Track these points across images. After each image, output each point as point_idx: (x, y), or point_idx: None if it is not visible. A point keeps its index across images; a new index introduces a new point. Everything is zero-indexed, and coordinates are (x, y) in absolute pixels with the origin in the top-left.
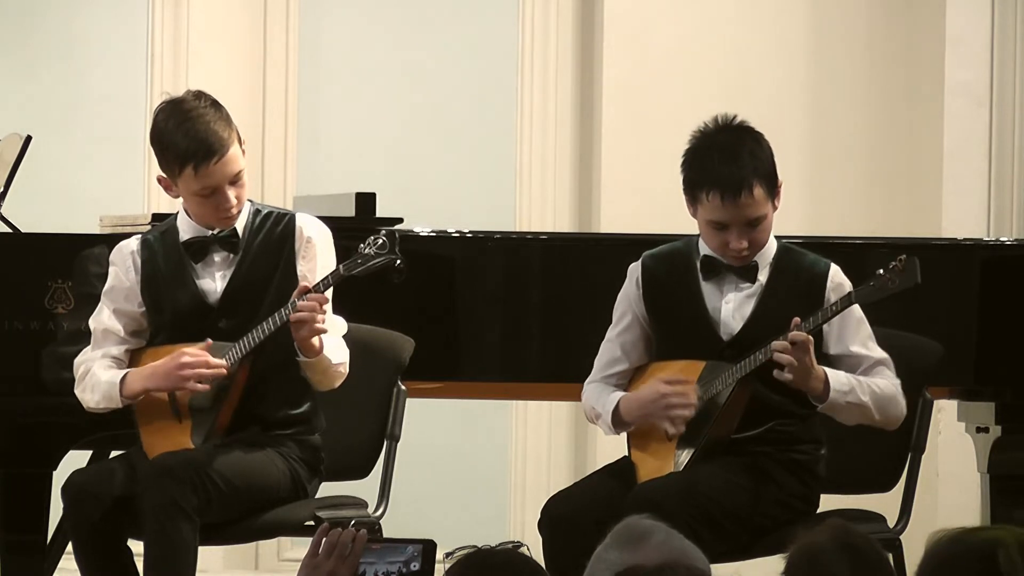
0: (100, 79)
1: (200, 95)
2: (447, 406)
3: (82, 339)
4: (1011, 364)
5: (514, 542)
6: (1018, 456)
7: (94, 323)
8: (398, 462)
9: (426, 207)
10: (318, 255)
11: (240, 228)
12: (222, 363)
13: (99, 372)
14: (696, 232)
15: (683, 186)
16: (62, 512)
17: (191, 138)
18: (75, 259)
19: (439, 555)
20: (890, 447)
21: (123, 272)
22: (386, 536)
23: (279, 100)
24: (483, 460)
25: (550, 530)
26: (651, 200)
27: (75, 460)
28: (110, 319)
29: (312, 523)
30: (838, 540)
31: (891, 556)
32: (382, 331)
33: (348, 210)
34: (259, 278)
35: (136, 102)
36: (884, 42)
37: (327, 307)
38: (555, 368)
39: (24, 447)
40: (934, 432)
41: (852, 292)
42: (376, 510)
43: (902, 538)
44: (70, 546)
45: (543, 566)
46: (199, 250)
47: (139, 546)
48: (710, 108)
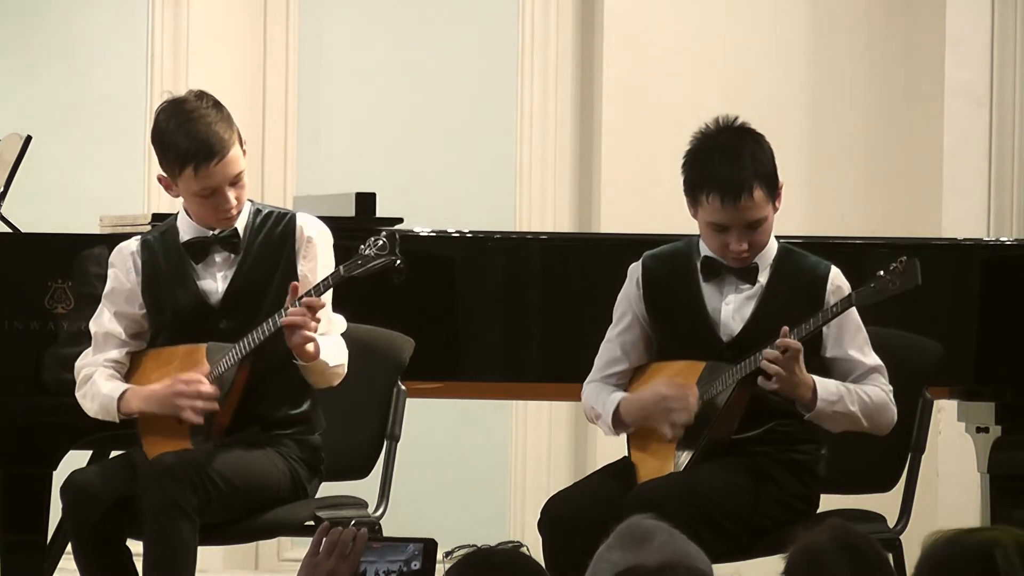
0: (100, 79)
1: (202, 95)
2: (447, 406)
3: (82, 339)
4: (1011, 364)
5: (513, 542)
6: (1018, 456)
7: (95, 326)
8: (398, 462)
9: (426, 207)
10: (319, 255)
11: (241, 228)
12: (214, 391)
13: (100, 382)
14: (696, 232)
15: (684, 187)
16: (62, 512)
17: (192, 139)
18: (75, 259)
19: (438, 555)
20: (890, 447)
21: (123, 273)
22: (386, 536)
23: (279, 100)
24: (483, 460)
25: (550, 530)
26: (651, 200)
27: (75, 460)
28: (111, 322)
29: (312, 523)
30: (838, 540)
31: (891, 556)
32: (382, 331)
33: (348, 210)
34: (260, 278)
35: (136, 102)
36: (884, 42)
37: (326, 308)
38: (555, 368)
39: (24, 447)
40: (934, 432)
41: (852, 294)
42: (376, 510)
43: (902, 538)
44: (70, 546)
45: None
46: (200, 250)
47: (139, 546)
48: (710, 108)
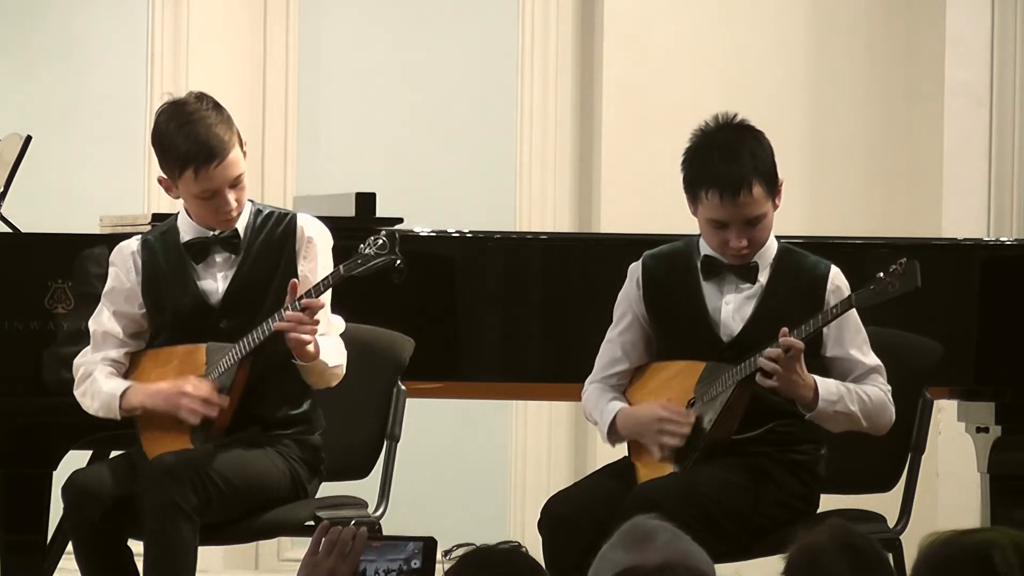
0: (100, 79)
1: (202, 97)
2: (447, 406)
3: (82, 339)
4: (1011, 364)
5: (511, 542)
6: (1018, 456)
7: (94, 324)
8: (398, 462)
9: (426, 207)
10: (319, 255)
11: (241, 228)
12: (220, 404)
13: (100, 380)
14: (696, 232)
15: (683, 185)
16: (62, 512)
17: (192, 141)
18: (75, 259)
19: (438, 554)
20: (890, 447)
21: (123, 273)
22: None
23: (279, 100)
24: (483, 460)
25: (550, 530)
26: (651, 200)
27: (75, 460)
28: (110, 321)
29: (312, 523)
30: (838, 540)
31: (891, 556)
32: (382, 331)
33: (348, 210)
34: (260, 278)
35: (136, 102)
36: (884, 42)
37: (325, 308)
38: (555, 368)
39: (24, 447)
40: (934, 432)
41: (852, 295)
42: (376, 510)
43: (902, 538)
44: (70, 546)
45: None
46: (200, 251)
47: (139, 546)
48: (710, 108)
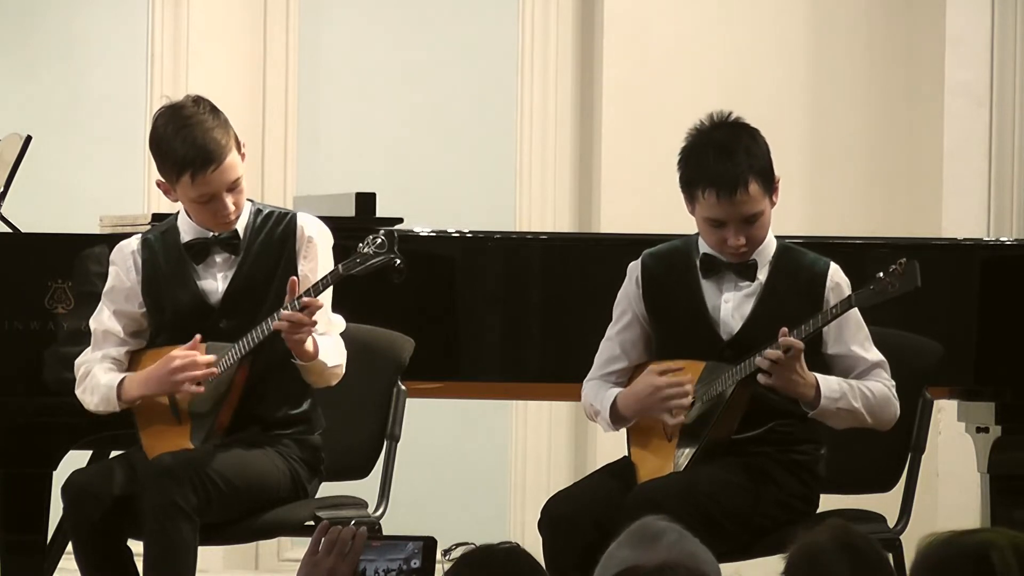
0: (100, 79)
1: (199, 100)
2: (447, 406)
3: (82, 339)
4: (1011, 364)
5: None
6: (1018, 456)
7: (94, 323)
8: (398, 462)
9: (426, 207)
10: (319, 255)
11: (241, 229)
12: (211, 359)
13: (99, 374)
14: (696, 231)
15: (680, 184)
16: (62, 512)
17: (189, 145)
18: (75, 259)
19: (437, 553)
20: (890, 447)
21: (124, 272)
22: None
23: (279, 100)
24: (483, 460)
25: (550, 530)
26: (651, 200)
27: (75, 460)
28: (110, 320)
29: (312, 523)
30: (838, 540)
31: (891, 556)
32: (382, 331)
33: (348, 210)
34: (260, 278)
35: (136, 102)
36: (884, 42)
37: (323, 308)
38: (555, 368)
39: (24, 447)
40: (934, 432)
41: (851, 295)
42: (376, 510)
43: (902, 538)
44: (70, 546)
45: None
46: (200, 251)
47: (139, 546)
48: (710, 108)
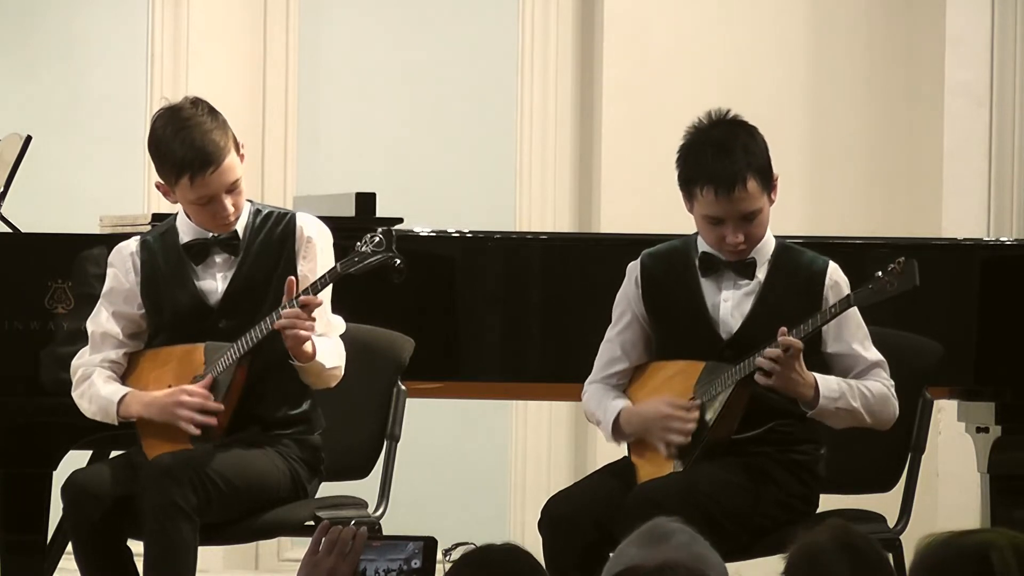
0: (100, 79)
1: (197, 102)
2: (447, 406)
3: (82, 339)
4: (1011, 364)
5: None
6: (1018, 456)
7: (92, 325)
8: (398, 462)
9: (426, 207)
10: (318, 255)
11: (240, 229)
12: (218, 408)
13: (98, 383)
14: (695, 231)
15: (678, 182)
16: (62, 512)
17: (187, 147)
18: (75, 259)
19: (438, 553)
20: (890, 447)
21: (122, 273)
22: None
23: (279, 100)
24: (483, 460)
25: (550, 530)
26: (651, 200)
27: (75, 460)
28: (108, 322)
29: (312, 523)
30: (838, 540)
31: (891, 556)
32: (382, 331)
33: (348, 210)
34: (260, 278)
35: (136, 102)
36: (884, 42)
37: (323, 308)
38: (555, 368)
39: (24, 447)
40: (934, 432)
41: (850, 295)
42: (376, 510)
43: (902, 538)
44: (70, 546)
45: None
46: (199, 252)
47: (139, 546)
48: (710, 108)
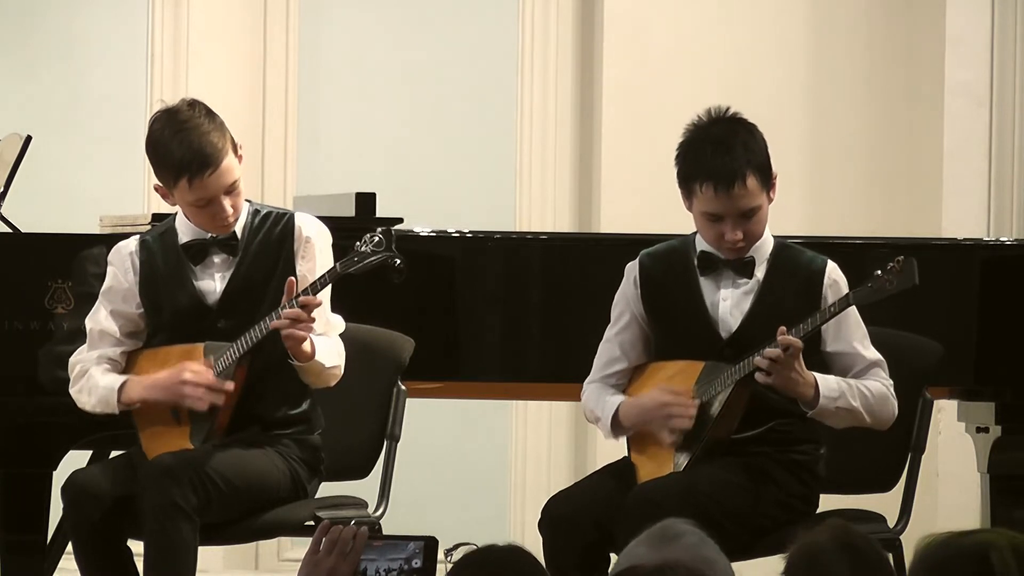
0: (100, 79)
1: (194, 104)
2: (447, 406)
3: (81, 339)
4: (1011, 364)
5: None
6: (1018, 456)
7: (91, 323)
8: (398, 462)
9: (426, 207)
10: (317, 254)
11: (239, 229)
12: (225, 385)
13: (97, 376)
14: (694, 230)
15: (677, 179)
16: (62, 512)
17: (185, 149)
18: (75, 259)
19: (439, 553)
20: (890, 447)
21: (121, 273)
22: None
23: (279, 100)
24: (483, 460)
25: (550, 530)
26: (651, 200)
27: (75, 460)
28: (107, 320)
29: (312, 523)
30: (838, 540)
31: (891, 556)
32: (382, 331)
33: (348, 210)
34: (258, 278)
35: (136, 102)
36: (884, 42)
37: (322, 308)
38: (555, 368)
39: (24, 447)
40: (934, 432)
41: (850, 293)
42: (376, 510)
43: (902, 538)
44: (70, 546)
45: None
46: (198, 252)
47: (139, 546)
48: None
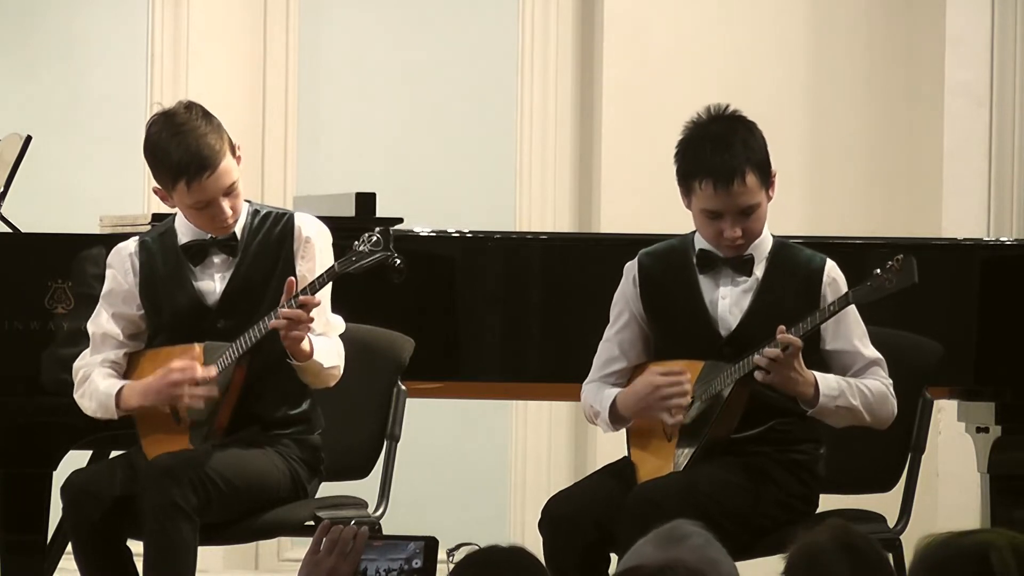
0: (100, 79)
1: (191, 106)
2: (447, 406)
3: (82, 339)
4: (1011, 364)
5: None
6: (1018, 456)
7: (92, 327)
8: (398, 462)
9: (426, 207)
10: (317, 254)
11: (238, 230)
12: (210, 375)
13: (97, 380)
14: (693, 229)
15: (677, 177)
16: (62, 512)
17: (183, 152)
18: (75, 259)
19: (440, 554)
20: (890, 447)
21: (121, 274)
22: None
23: (279, 100)
24: (483, 460)
25: (550, 530)
26: (651, 200)
27: (75, 460)
28: (108, 323)
29: (312, 523)
30: (838, 540)
31: (891, 556)
32: (382, 331)
33: (348, 210)
34: (258, 278)
35: (136, 102)
36: (884, 42)
37: (322, 308)
38: (555, 368)
39: (24, 447)
40: (934, 432)
41: (849, 292)
42: (376, 510)
43: (902, 538)
44: (70, 546)
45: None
46: (198, 252)
47: (139, 546)
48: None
